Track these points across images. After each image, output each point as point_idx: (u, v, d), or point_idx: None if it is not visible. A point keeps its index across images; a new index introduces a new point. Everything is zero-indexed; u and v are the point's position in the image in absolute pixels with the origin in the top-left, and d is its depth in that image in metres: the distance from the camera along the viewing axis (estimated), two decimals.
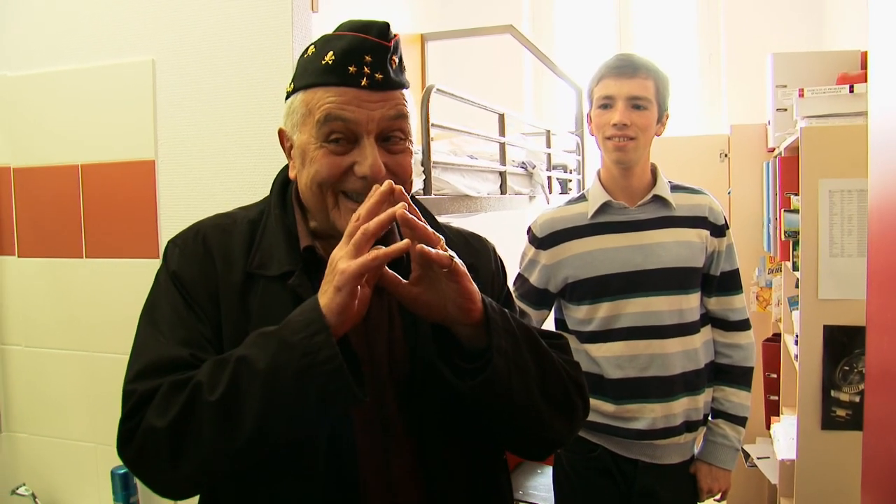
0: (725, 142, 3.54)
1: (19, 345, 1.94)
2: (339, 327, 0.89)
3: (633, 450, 1.85)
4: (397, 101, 1.02)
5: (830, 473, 2.07)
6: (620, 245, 1.83)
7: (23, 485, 1.90)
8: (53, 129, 1.85)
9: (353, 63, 0.98)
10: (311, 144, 1.01)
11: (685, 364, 1.82)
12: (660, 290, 1.81)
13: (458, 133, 2.28)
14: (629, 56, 1.85)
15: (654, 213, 1.86)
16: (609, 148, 1.84)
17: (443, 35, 3.86)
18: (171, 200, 1.75)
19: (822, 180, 2.03)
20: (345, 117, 0.98)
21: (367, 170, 0.98)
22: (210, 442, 0.89)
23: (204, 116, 1.69)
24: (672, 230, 1.84)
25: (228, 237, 1.07)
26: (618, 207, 1.86)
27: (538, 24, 4.50)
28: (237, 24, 1.65)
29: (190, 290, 1.03)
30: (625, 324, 1.81)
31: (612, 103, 1.82)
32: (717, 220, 1.89)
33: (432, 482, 1.05)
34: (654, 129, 1.85)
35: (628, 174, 1.86)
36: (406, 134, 1.03)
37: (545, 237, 1.90)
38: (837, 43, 3.38)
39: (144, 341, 1.01)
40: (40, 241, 1.90)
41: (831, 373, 2.10)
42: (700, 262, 1.85)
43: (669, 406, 1.81)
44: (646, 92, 1.80)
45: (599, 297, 1.83)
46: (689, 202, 1.88)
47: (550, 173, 3.06)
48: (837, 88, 2.23)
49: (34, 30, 1.86)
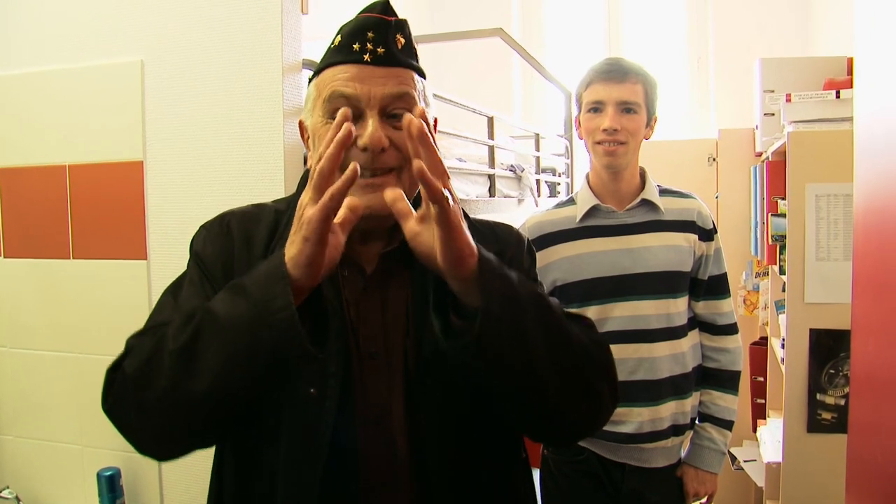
0: (713, 146, 3.56)
1: (4, 346, 1.92)
2: (307, 279, 0.86)
3: (619, 453, 1.85)
4: (401, 79, 1.02)
5: (816, 476, 2.09)
6: (608, 249, 1.84)
7: (6, 487, 1.88)
8: (41, 130, 1.84)
9: (357, 40, 1.01)
10: (319, 124, 1.03)
11: (672, 368, 1.83)
12: (647, 293, 1.81)
13: (447, 136, 2.29)
14: (618, 60, 1.86)
15: (642, 217, 1.86)
16: (599, 153, 1.84)
17: (432, 38, 3.86)
18: (159, 202, 1.73)
19: (808, 185, 2.05)
20: (347, 94, 0.99)
21: (366, 140, 0.98)
22: (169, 391, 0.87)
23: (193, 117, 1.69)
24: (660, 234, 1.85)
25: (254, 224, 1.09)
26: (606, 211, 1.87)
27: (527, 27, 4.51)
28: (227, 25, 1.64)
29: (208, 266, 1.05)
30: (613, 327, 1.81)
31: (601, 108, 1.82)
32: (706, 224, 1.89)
33: (438, 477, 1.03)
34: (643, 133, 1.86)
35: (617, 178, 1.86)
36: (413, 108, 1.00)
37: (533, 240, 1.89)
38: (824, 49, 3.41)
39: (159, 307, 1.04)
40: (27, 242, 1.88)
41: (817, 376, 2.12)
42: (688, 266, 1.86)
43: (657, 410, 1.81)
44: (635, 96, 1.81)
45: (587, 300, 1.83)
46: (677, 206, 1.89)
47: (539, 176, 3.07)
48: (824, 94, 2.25)
49: (22, 29, 1.84)
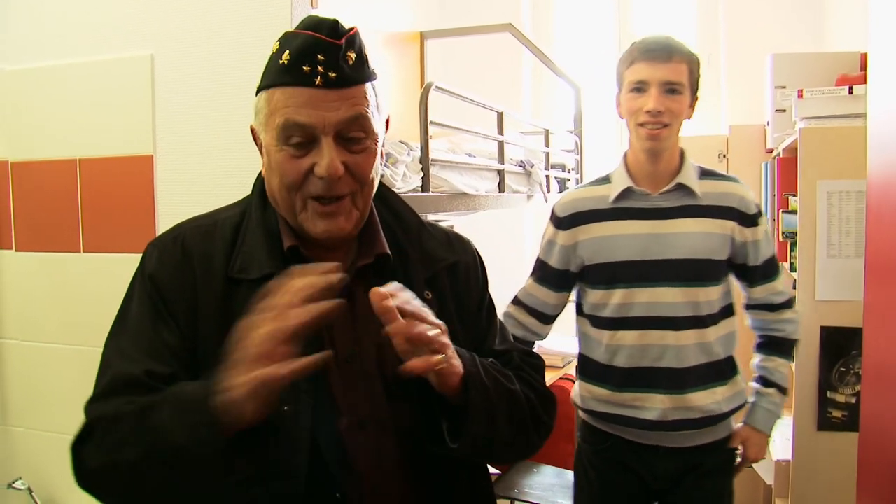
0: (724, 142, 3.54)
1: (16, 339, 1.94)
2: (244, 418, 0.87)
3: (650, 437, 1.82)
4: (355, 101, 1.00)
5: (826, 474, 2.08)
6: (638, 232, 1.79)
7: (19, 479, 1.89)
8: (51, 124, 1.85)
9: (307, 62, 0.98)
10: (272, 146, 1.01)
11: (699, 357, 1.78)
12: (675, 280, 1.76)
13: (457, 131, 2.28)
14: (663, 39, 1.78)
15: (676, 202, 1.80)
16: (642, 135, 1.78)
17: (442, 33, 3.86)
18: (168, 195, 1.74)
19: (820, 181, 2.04)
20: (301, 122, 0.98)
21: (323, 171, 0.98)
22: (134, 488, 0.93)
23: (202, 111, 1.69)
24: (694, 220, 1.78)
25: (209, 240, 1.06)
26: (640, 194, 1.81)
27: (538, 22, 4.49)
28: (236, 18, 1.64)
29: (163, 296, 1.02)
30: (638, 313, 1.77)
31: (645, 88, 1.75)
32: (748, 209, 1.81)
33: (422, 478, 1.05)
34: (686, 114, 1.79)
35: (656, 160, 1.80)
36: (368, 132, 1.02)
37: (565, 217, 1.87)
38: (837, 44, 3.38)
39: (108, 357, 1.03)
40: (38, 236, 1.89)
41: (828, 374, 2.11)
42: (722, 254, 1.79)
43: (682, 399, 1.77)
44: (680, 76, 1.74)
45: (612, 283, 1.80)
46: (716, 190, 1.81)
47: (549, 172, 3.06)
48: (837, 90, 2.23)
49: (33, 24, 1.85)
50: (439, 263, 1.15)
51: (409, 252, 1.13)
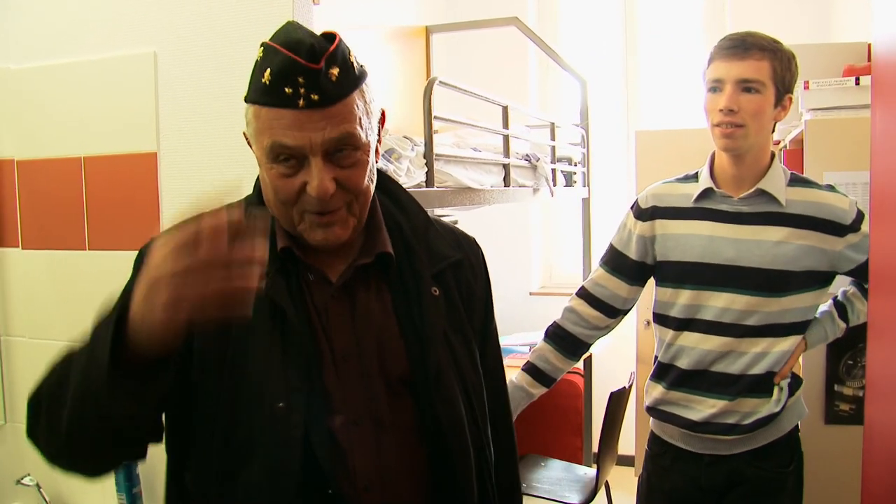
0: None
1: (23, 336, 1.94)
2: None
3: (693, 443, 1.78)
4: (341, 118, 0.98)
5: (833, 467, 2.07)
6: (715, 235, 1.73)
7: (27, 475, 1.90)
8: (56, 122, 1.85)
9: (288, 84, 0.96)
10: (264, 163, 1.02)
11: (756, 367, 1.71)
12: (746, 289, 1.69)
13: (462, 125, 2.28)
14: (742, 35, 1.69)
15: (758, 208, 1.71)
16: (716, 135, 1.70)
17: (447, 27, 3.86)
18: (173, 192, 1.74)
19: (826, 173, 2.02)
20: (287, 144, 0.97)
21: (314, 192, 0.98)
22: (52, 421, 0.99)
23: (206, 108, 1.69)
24: (775, 228, 1.69)
25: None
26: (720, 196, 1.75)
27: (543, 16, 4.48)
28: (238, 15, 1.64)
29: None
30: (704, 316, 1.72)
31: (720, 86, 1.68)
32: (843, 219, 1.68)
33: (425, 476, 1.05)
34: (772, 114, 1.69)
35: (738, 162, 1.72)
36: (357, 146, 1.01)
37: (647, 209, 1.83)
38: (843, 35, 3.36)
39: None
40: (43, 234, 1.90)
41: (835, 367, 2.10)
42: (800, 265, 1.69)
43: (734, 404, 1.71)
44: (758, 74, 1.65)
45: (682, 283, 1.75)
46: (805, 199, 1.71)
47: (554, 166, 3.05)
48: (843, 81, 2.22)
49: (37, 23, 1.86)
50: (446, 260, 1.15)
51: (416, 248, 1.13)
